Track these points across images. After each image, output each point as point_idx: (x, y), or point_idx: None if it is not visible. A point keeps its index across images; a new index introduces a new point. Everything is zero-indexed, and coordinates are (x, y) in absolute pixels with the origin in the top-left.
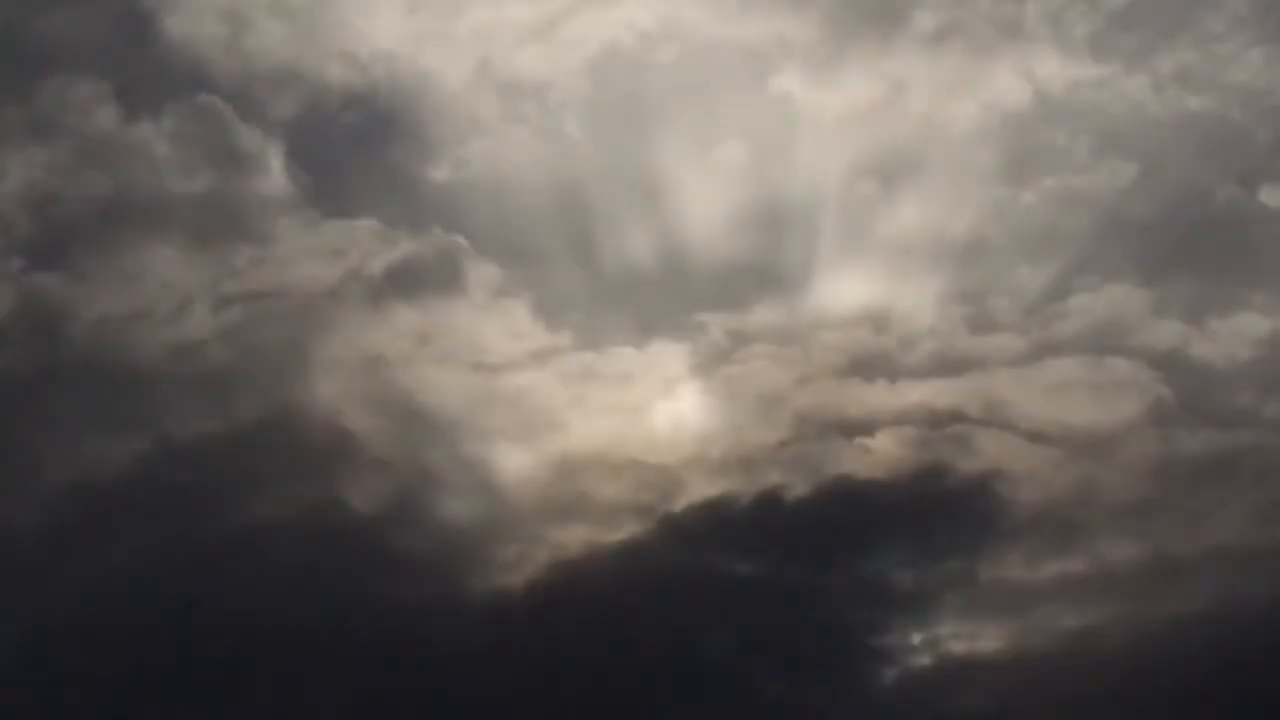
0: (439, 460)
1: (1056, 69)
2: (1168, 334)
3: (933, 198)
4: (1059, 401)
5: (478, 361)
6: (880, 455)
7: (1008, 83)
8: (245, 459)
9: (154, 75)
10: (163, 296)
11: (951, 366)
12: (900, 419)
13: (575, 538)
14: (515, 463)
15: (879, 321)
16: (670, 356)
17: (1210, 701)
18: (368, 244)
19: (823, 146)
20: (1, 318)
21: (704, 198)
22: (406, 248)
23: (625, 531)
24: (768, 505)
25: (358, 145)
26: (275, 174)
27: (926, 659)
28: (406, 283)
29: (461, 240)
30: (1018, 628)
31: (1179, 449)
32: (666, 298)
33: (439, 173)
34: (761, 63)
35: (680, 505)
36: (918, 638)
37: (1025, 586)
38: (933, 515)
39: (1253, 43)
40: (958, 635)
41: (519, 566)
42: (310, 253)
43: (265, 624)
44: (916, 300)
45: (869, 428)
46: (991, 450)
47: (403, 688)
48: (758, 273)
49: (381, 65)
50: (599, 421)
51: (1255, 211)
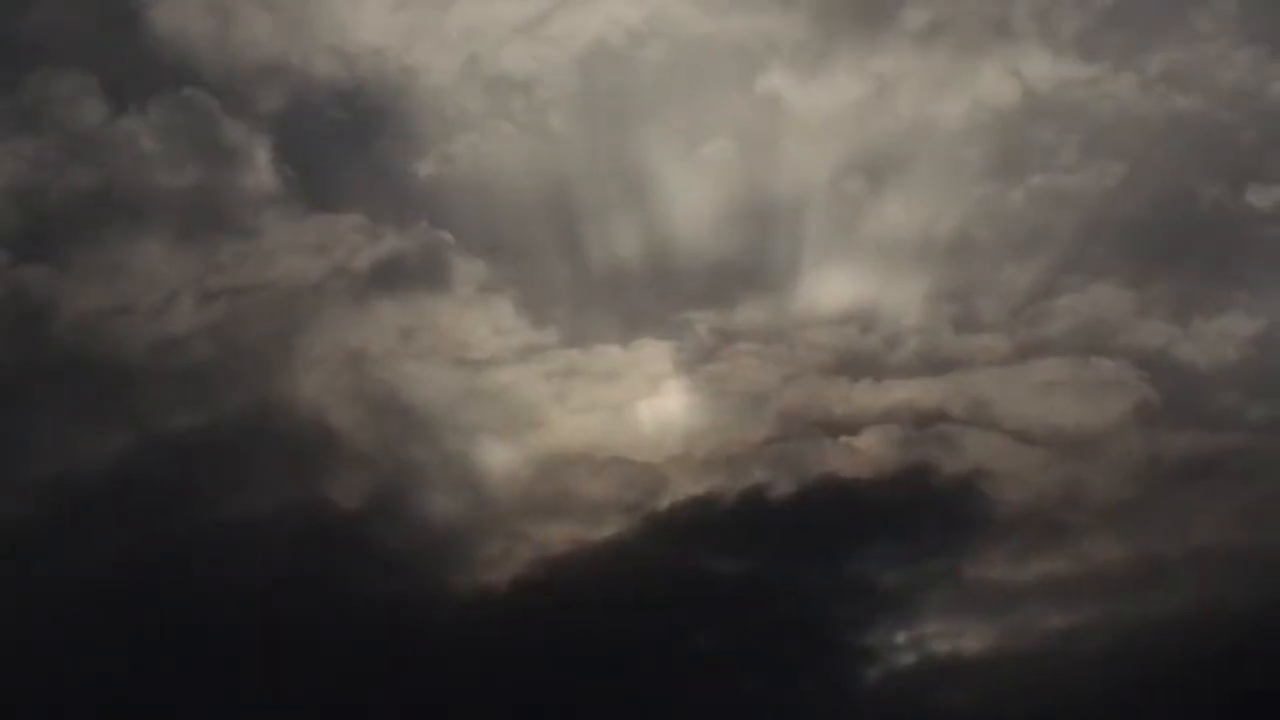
0: (422, 456)
1: (1045, 68)
2: (1154, 334)
3: (920, 196)
4: (1044, 401)
5: (462, 357)
6: (865, 454)
7: (995, 81)
8: (229, 453)
9: (140, 69)
10: (147, 290)
11: (937, 366)
12: (885, 418)
13: (559, 535)
14: (499, 459)
15: (865, 320)
16: (655, 354)
17: (1195, 702)
18: (353, 239)
19: (810, 144)
20: None
21: (691, 195)
22: (392, 243)
23: (609, 529)
24: (752, 503)
25: (344, 140)
26: (261, 168)
27: (910, 658)
28: (391, 278)
29: (447, 236)
30: (1002, 627)
31: (1164, 450)
32: (652, 295)
33: (425, 168)
34: (749, 60)
35: (665, 503)
36: (902, 637)
37: (1009, 586)
38: (917, 514)
39: (1241, 43)
40: (942, 634)
41: (502, 563)
42: (295, 247)
43: (247, 619)
44: (902, 299)
45: (854, 426)
46: (976, 450)
47: (385, 684)
48: (744, 270)
49: (369, 60)
50: (583, 419)
51: (1242, 212)
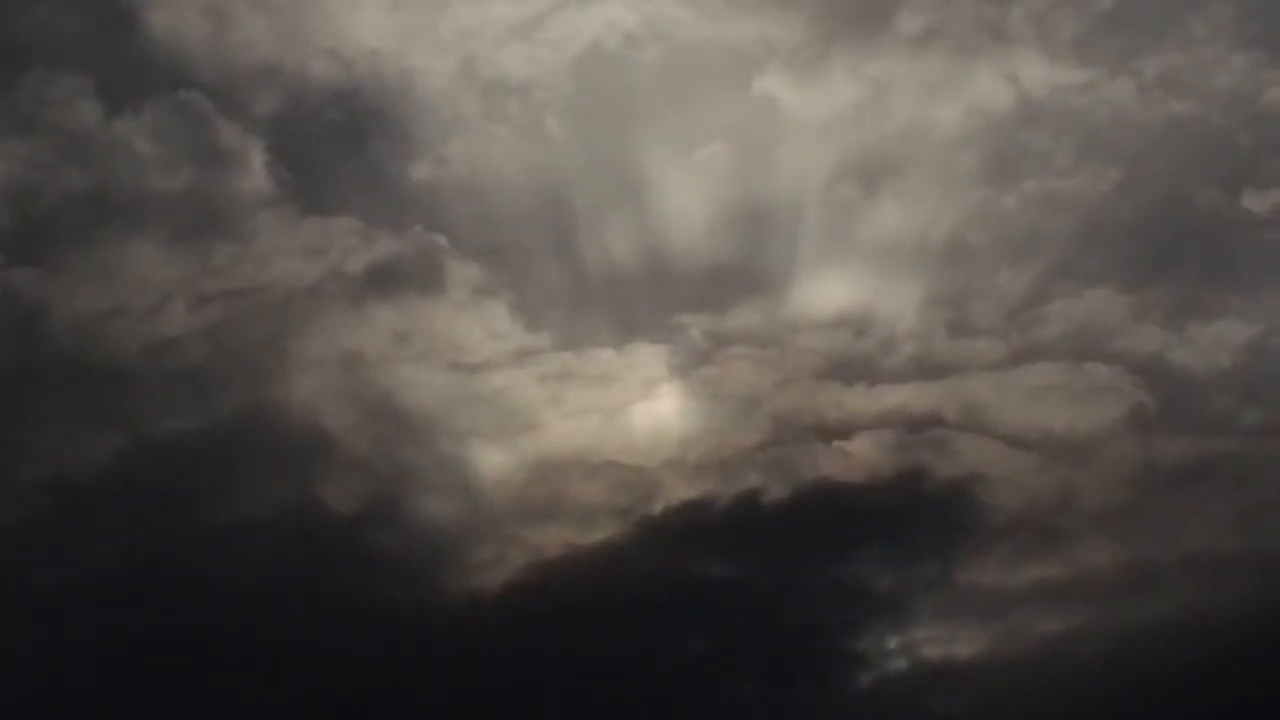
0: (416, 460)
1: (1040, 72)
2: (1148, 340)
3: (914, 201)
4: (1038, 406)
5: (456, 361)
6: (858, 459)
7: (991, 86)
8: (223, 457)
9: (135, 70)
10: (142, 293)
11: (931, 370)
12: (879, 422)
13: (552, 539)
14: (493, 463)
15: (859, 325)
16: (649, 357)
17: (1188, 707)
18: (348, 242)
19: (805, 148)
20: None
21: (685, 199)
22: (387, 246)
23: (602, 533)
24: (746, 508)
25: (339, 143)
26: (256, 171)
27: (903, 663)
28: (386, 281)
29: (442, 239)
30: (994, 632)
31: (1158, 455)
32: (646, 299)
33: (420, 171)
34: (745, 64)
35: (658, 507)
36: (894, 641)
37: (1002, 591)
38: (910, 519)
39: (1237, 47)
40: (934, 639)
41: (495, 567)
42: (290, 250)
43: (242, 622)
44: (896, 303)
45: (848, 431)
46: (970, 455)
47: (378, 688)
48: (738, 274)
49: (364, 63)
50: (577, 422)
51: (1238, 217)
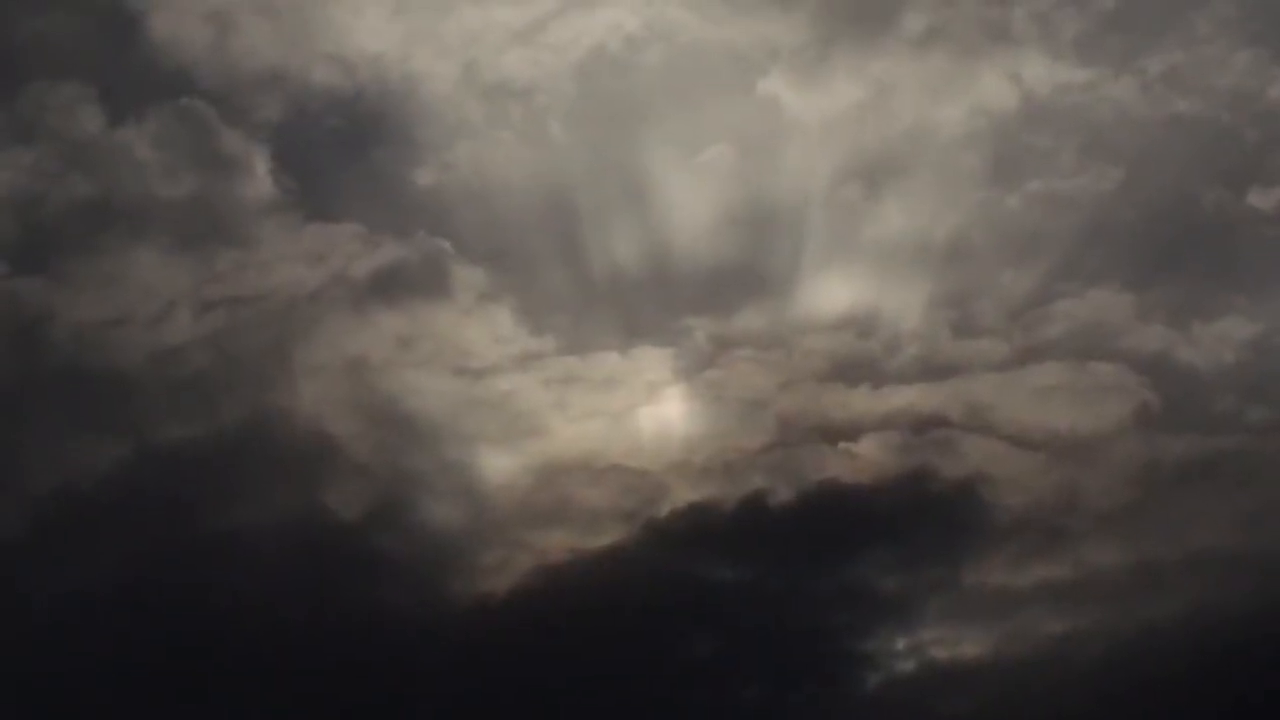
0: (422, 465)
1: (1043, 72)
2: (1152, 338)
3: (918, 201)
4: (1043, 406)
5: (461, 366)
6: (864, 460)
7: (994, 86)
8: (228, 464)
9: (138, 78)
10: (145, 301)
11: (935, 371)
12: (884, 424)
13: (558, 543)
14: (498, 468)
15: (863, 326)
16: (654, 361)
17: (1193, 707)
18: (351, 248)
19: (809, 150)
20: None
21: (690, 201)
22: (391, 252)
23: (609, 537)
24: (751, 510)
25: (342, 148)
26: (259, 177)
27: (910, 664)
28: (390, 287)
29: (446, 244)
30: (1001, 633)
31: (1163, 454)
32: (651, 302)
33: (424, 176)
34: (748, 66)
35: (664, 510)
36: (901, 643)
37: (1009, 591)
38: (916, 520)
39: (1240, 45)
40: (941, 640)
41: (502, 572)
42: (294, 257)
43: (247, 629)
44: (901, 304)
45: (853, 433)
46: (975, 455)
47: (386, 693)
48: (742, 276)
49: (367, 68)
50: (582, 426)
51: (1242, 214)
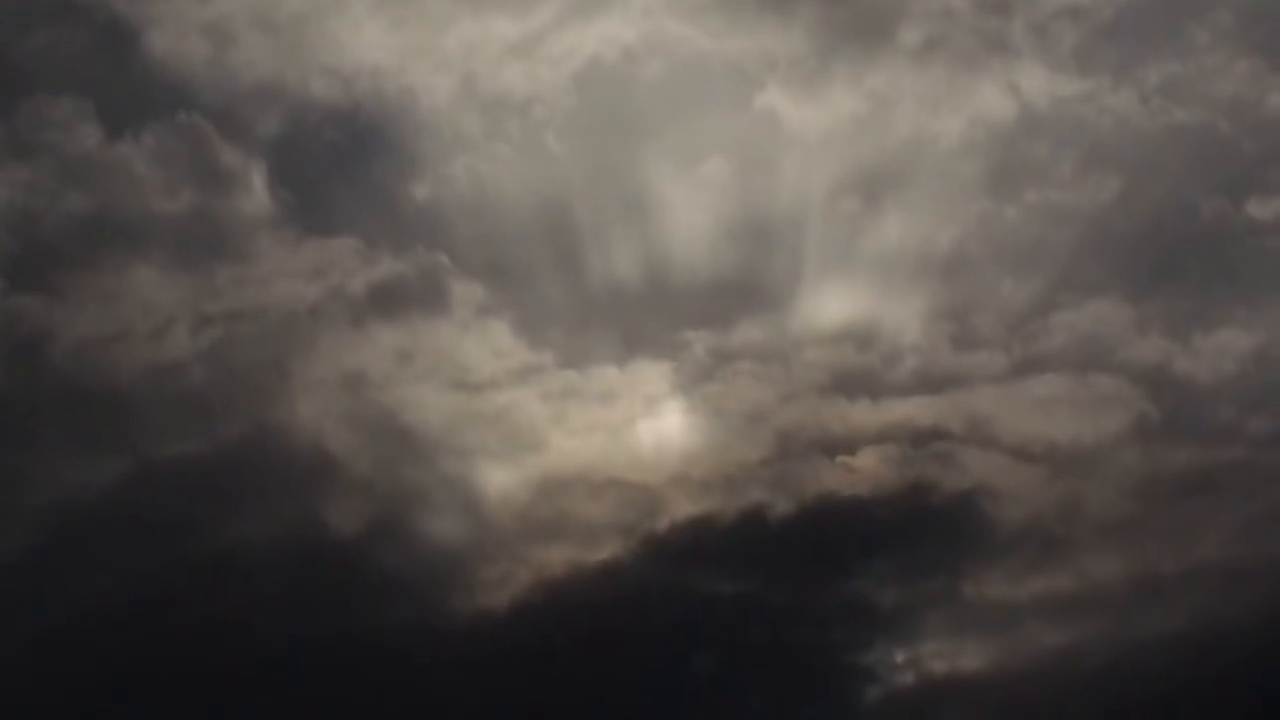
0: (420, 480)
1: (1042, 83)
2: (1152, 350)
3: (917, 213)
4: (1043, 418)
5: (460, 380)
6: (863, 473)
7: (993, 97)
8: (226, 479)
9: (136, 94)
10: (143, 317)
11: (934, 383)
12: (883, 436)
13: (558, 557)
14: (497, 482)
15: (862, 338)
16: (653, 374)
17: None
18: (349, 263)
19: (807, 162)
20: None
21: (688, 214)
22: (388, 266)
23: (608, 551)
24: (751, 524)
25: (340, 163)
26: (257, 192)
27: (909, 677)
28: (388, 302)
29: (444, 259)
30: (1001, 646)
31: (1163, 465)
32: (650, 315)
33: (422, 190)
34: (746, 78)
35: (663, 524)
36: (901, 656)
37: (1009, 604)
38: (916, 533)
39: (1239, 54)
40: (941, 654)
41: (501, 586)
42: (291, 272)
43: (246, 645)
44: (900, 317)
45: (852, 446)
46: (975, 467)
47: (384, 709)
48: (741, 289)
49: (365, 81)
50: (581, 440)
51: (1242, 224)
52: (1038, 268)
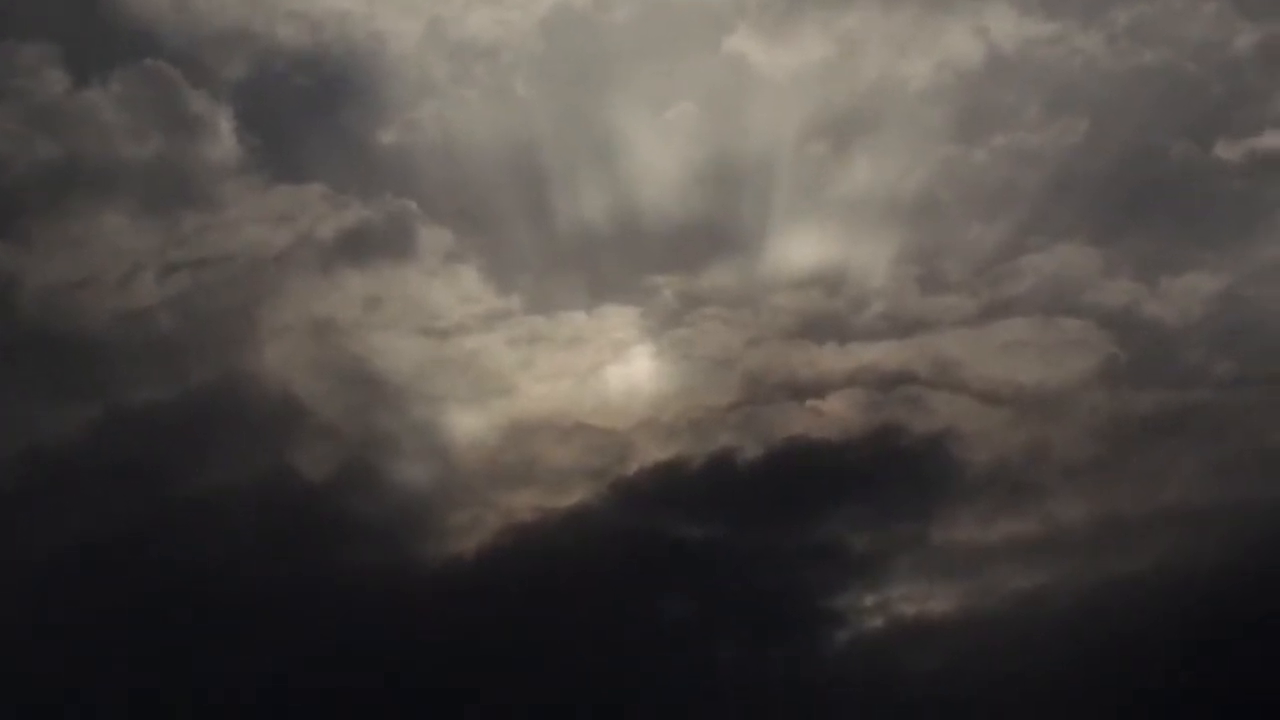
0: (389, 426)
1: (1010, 26)
2: (1119, 293)
3: (885, 157)
4: (1010, 362)
5: (428, 326)
6: (832, 417)
7: (961, 40)
8: (196, 426)
9: (102, 40)
10: (111, 263)
11: (903, 327)
12: (852, 380)
13: (526, 502)
14: (466, 427)
15: (830, 283)
16: (621, 319)
17: (1161, 660)
18: (318, 208)
19: (776, 106)
20: None
21: (656, 159)
22: (357, 212)
23: (577, 496)
24: (720, 468)
25: (308, 108)
26: (224, 138)
27: (879, 621)
28: (357, 248)
29: (412, 204)
30: (969, 589)
31: (1130, 408)
32: (618, 260)
33: (389, 136)
34: (715, 22)
35: (632, 469)
36: (870, 600)
37: (977, 547)
38: (884, 477)
39: None
40: (909, 597)
41: (470, 532)
42: (259, 218)
43: (217, 590)
44: (868, 261)
45: (821, 389)
46: (943, 411)
47: (355, 653)
48: (710, 234)
49: (332, 26)
50: (549, 385)
51: (1209, 166)
52: (1005, 211)
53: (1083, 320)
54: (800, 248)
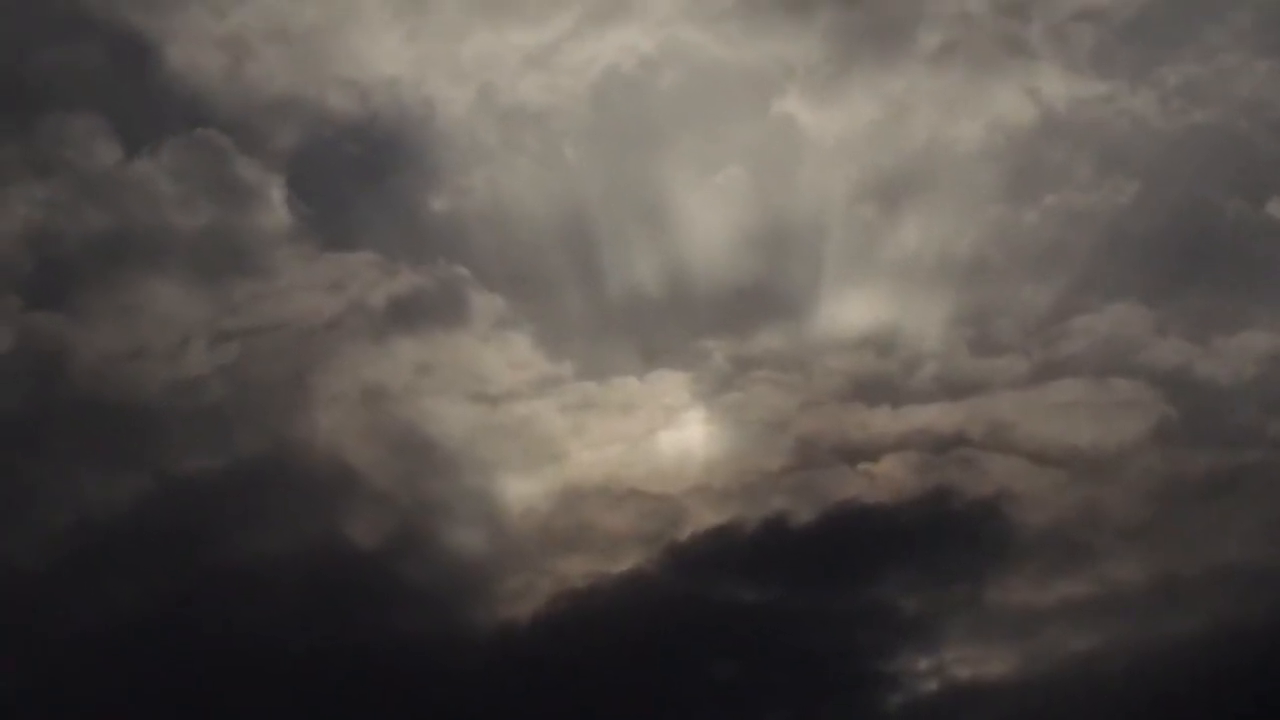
0: (441, 492)
1: (1060, 86)
2: (1172, 353)
3: (936, 218)
4: (1063, 423)
5: (479, 393)
6: (885, 480)
7: (1011, 100)
8: (246, 494)
9: (153, 109)
10: (162, 333)
11: (955, 389)
12: (904, 443)
13: (579, 568)
14: (518, 494)
15: (882, 345)
16: (673, 384)
17: None
18: (369, 276)
19: (826, 168)
20: (1, 356)
21: (707, 222)
22: (408, 279)
23: (630, 561)
24: (773, 532)
25: (359, 175)
26: (275, 206)
27: (933, 684)
28: (408, 314)
29: (463, 271)
30: (1024, 651)
31: (1184, 469)
32: (669, 325)
33: (440, 202)
34: (763, 85)
35: (685, 534)
36: (924, 663)
37: (1031, 609)
38: (938, 539)
39: (1257, 55)
40: (964, 659)
41: (523, 598)
42: (310, 286)
43: (268, 659)
44: (920, 322)
45: (873, 452)
46: (996, 473)
47: None
48: (761, 297)
49: (383, 93)
50: (601, 451)
51: (1261, 225)
52: (1057, 272)
53: (1135, 381)
54: (851, 310)
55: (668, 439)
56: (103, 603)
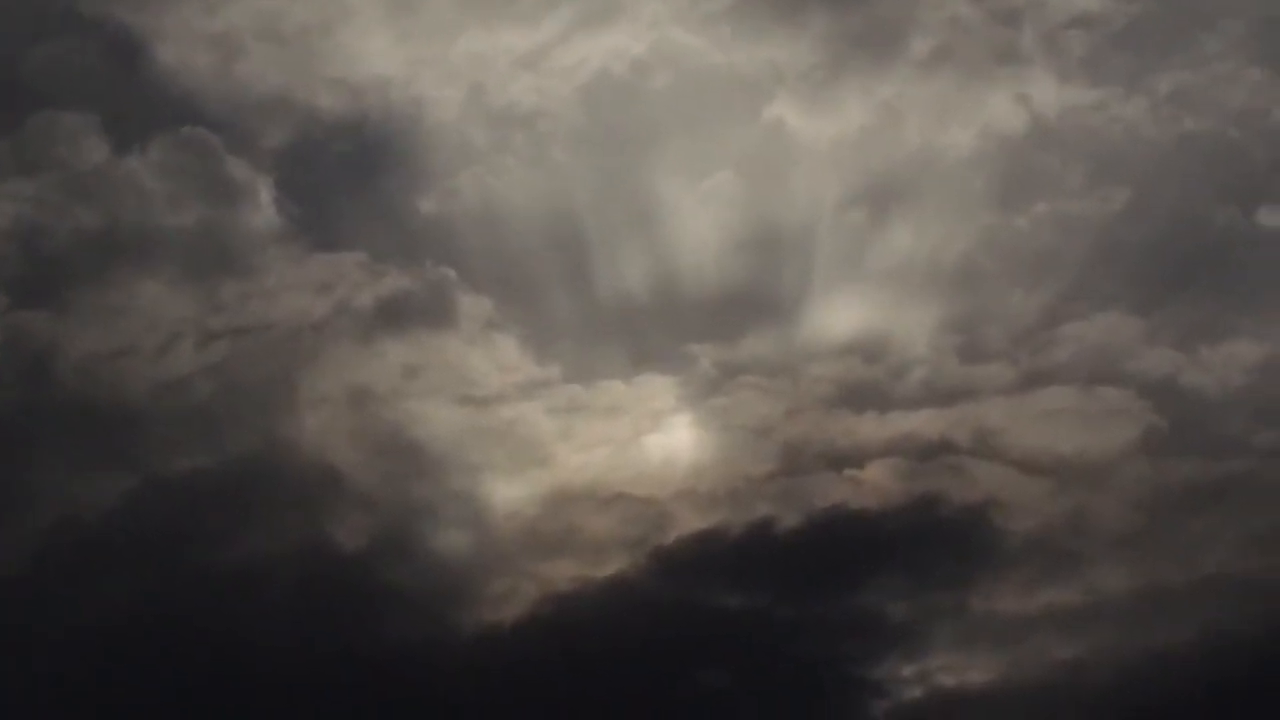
0: (427, 495)
1: (1052, 93)
2: (1160, 362)
3: (926, 225)
4: (1051, 431)
5: (466, 395)
6: (871, 486)
7: (1002, 107)
8: (233, 495)
9: (142, 107)
10: (150, 332)
11: (943, 396)
12: (891, 449)
13: (565, 572)
14: (504, 497)
15: (870, 351)
16: (660, 388)
17: None
18: (356, 277)
19: (816, 174)
20: None
21: (696, 226)
22: (395, 281)
23: (615, 565)
24: (758, 537)
25: (347, 176)
26: (264, 206)
27: (918, 691)
28: (395, 316)
29: (451, 273)
30: (1010, 659)
31: (1171, 478)
32: (657, 329)
33: (429, 204)
34: (754, 89)
35: (670, 538)
36: (909, 670)
37: (1017, 617)
38: (924, 546)
39: (1249, 63)
40: (949, 667)
41: (508, 601)
42: (298, 286)
43: (253, 661)
44: (908, 329)
45: (860, 459)
46: (983, 480)
47: None
48: (749, 302)
49: (373, 93)
50: (588, 455)
51: (1252, 234)
52: (1047, 279)
53: (1124, 389)
54: (839, 316)
55: (654, 443)
56: (88, 603)
